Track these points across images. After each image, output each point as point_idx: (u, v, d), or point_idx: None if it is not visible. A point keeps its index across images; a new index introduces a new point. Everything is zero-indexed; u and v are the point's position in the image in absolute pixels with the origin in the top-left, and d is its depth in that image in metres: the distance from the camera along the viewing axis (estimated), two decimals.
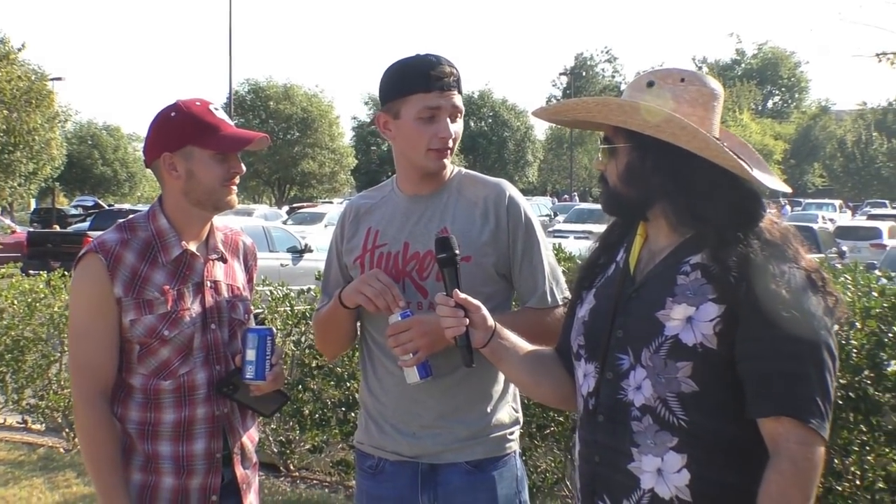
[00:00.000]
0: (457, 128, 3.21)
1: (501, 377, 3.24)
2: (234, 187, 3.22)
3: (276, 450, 8.30)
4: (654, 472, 2.48)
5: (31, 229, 34.32)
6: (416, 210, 3.30)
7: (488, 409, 3.26)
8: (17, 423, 10.27)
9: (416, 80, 3.13)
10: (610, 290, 2.68)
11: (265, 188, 58.15)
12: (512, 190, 3.34)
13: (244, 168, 3.27)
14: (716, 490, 2.45)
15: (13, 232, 32.92)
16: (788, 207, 50.87)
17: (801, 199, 57.84)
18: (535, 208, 28.74)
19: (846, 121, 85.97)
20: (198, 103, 3.20)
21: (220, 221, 3.41)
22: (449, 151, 3.21)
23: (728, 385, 2.42)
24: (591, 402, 2.63)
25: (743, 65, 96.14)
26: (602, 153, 2.67)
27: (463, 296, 2.77)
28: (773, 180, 2.65)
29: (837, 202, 57.63)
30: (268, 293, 8.40)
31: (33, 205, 51.75)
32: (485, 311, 2.79)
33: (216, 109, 3.21)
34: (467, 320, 2.75)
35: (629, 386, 2.52)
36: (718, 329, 2.40)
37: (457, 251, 2.86)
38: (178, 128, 3.14)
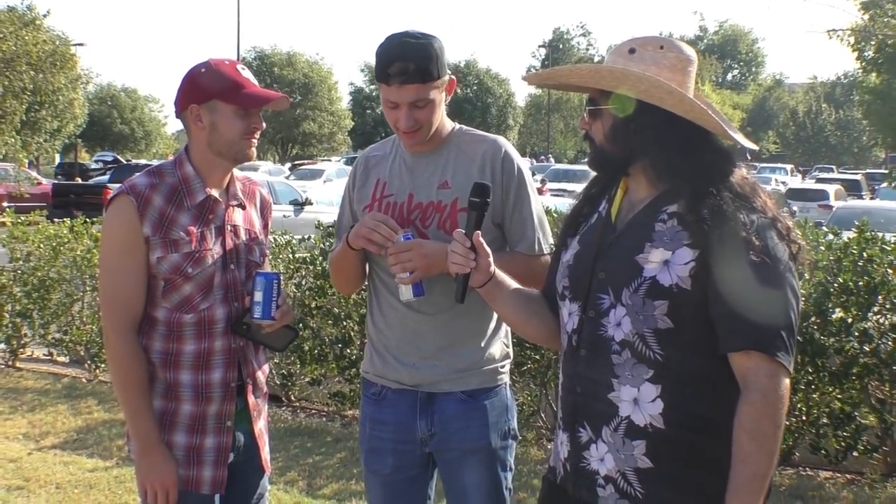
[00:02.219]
0: (421, 115, 3.16)
1: (494, 316, 3.26)
2: (254, 141, 3.22)
3: (278, 382, 8.34)
4: (630, 401, 2.50)
5: (56, 181, 34.15)
6: (419, 164, 3.31)
7: (482, 344, 3.29)
8: (44, 355, 10.29)
9: (380, 73, 3.15)
10: (592, 237, 2.70)
11: (269, 147, 57.97)
12: (507, 146, 3.35)
13: (264, 125, 3.28)
14: (686, 419, 2.47)
15: (39, 184, 32.84)
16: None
17: (757, 164, 57.81)
18: None
19: (798, 93, 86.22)
20: (227, 62, 3.22)
21: (240, 172, 3.41)
22: (414, 134, 3.20)
23: (701, 323, 2.44)
24: (575, 339, 2.65)
25: (705, 40, 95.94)
26: (588, 114, 2.67)
27: (480, 240, 2.77)
28: (744, 139, 2.66)
29: (789, 167, 57.80)
30: (272, 241, 8.41)
31: (58, 159, 51.38)
32: (491, 258, 2.80)
33: (243, 69, 3.21)
34: (474, 263, 2.77)
35: (609, 323, 2.54)
36: (693, 271, 2.42)
37: (489, 199, 2.87)
38: (206, 83, 3.15)
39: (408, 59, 3.09)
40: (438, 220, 3.21)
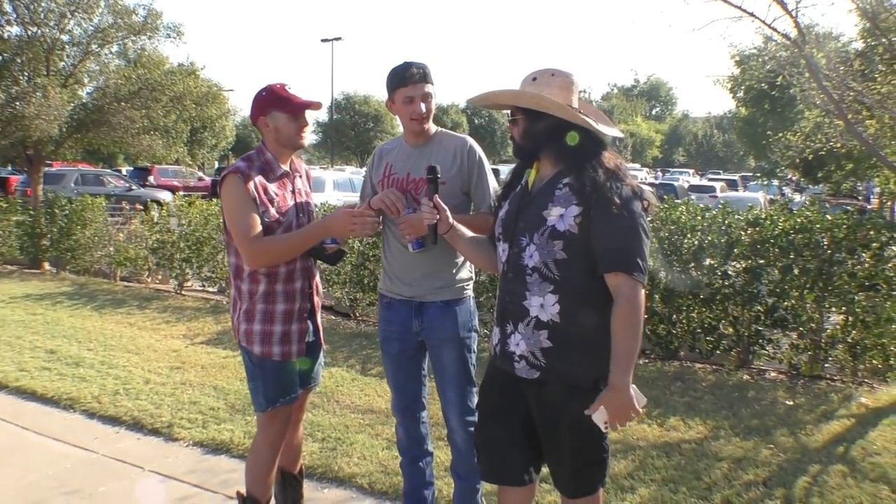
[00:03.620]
0: (428, 106, 3.24)
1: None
2: (304, 135, 3.25)
3: (347, 303, 8.38)
4: (538, 306, 2.57)
5: (214, 178, 34.28)
6: (414, 153, 3.32)
7: (453, 271, 3.30)
8: (199, 286, 10.38)
9: (399, 79, 3.20)
10: (516, 200, 2.75)
11: (353, 156, 58.14)
12: (472, 142, 3.36)
13: (309, 122, 3.31)
14: (574, 317, 2.53)
15: (202, 180, 33.28)
16: (661, 173, 50.49)
17: (670, 169, 57.42)
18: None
19: (698, 123, 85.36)
20: (278, 85, 3.24)
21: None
22: (424, 119, 3.25)
23: (583, 255, 2.49)
24: (505, 266, 2.71)
25: (638, 87, 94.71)
26: (511, 123, 2.74)
27: (437, 200, 2.88)
28: (611, 129, 2.71)
29: (692, 171, 57.24)
30: None
31: (216, 165, 51.56)
32: (448, 212, 2.89)
33: (290, 88, 3.24)
34: (438, 216, 2.86)
35: (525, 255, 2.59)
36: (578, 221, 2.50)
37: (438, 175, 2.95)
38: (266, 100, 3.20)
39: (419, 67, 3.20)
40: (425, 190, 3.19)
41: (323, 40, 45.95)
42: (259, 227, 3.09)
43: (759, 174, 31.72)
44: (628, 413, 2.44)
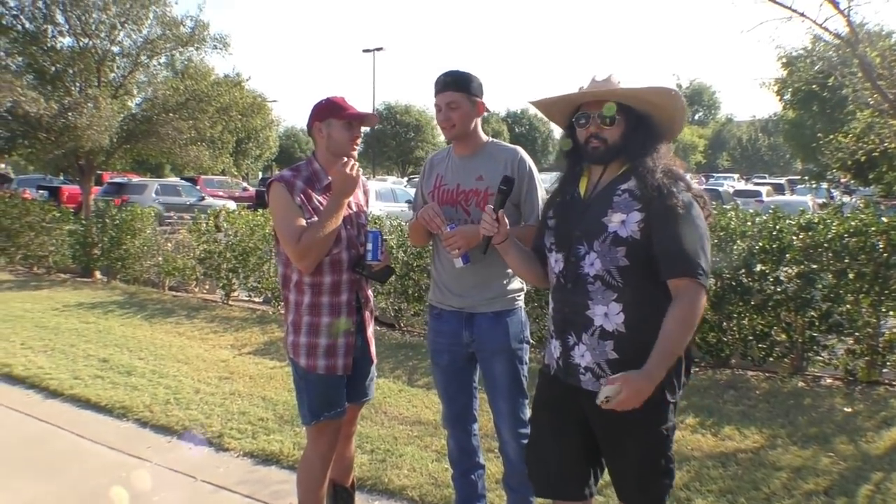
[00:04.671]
0: (454, 115, 3.19)
1: None
2: (356, 146, 3.25)
3: (392, 314, 8.36)
4: (602, 315, 2.49)
5: (259, 188, 34.63)
6: (463, 164, 3.28)
7: (504, 282, 3.24)
8: (245, 296, 10.45)
9: (434, 88, 3.22)
10: (569, 209, 2.67)
11: (394, 166, 58.44)
12: (523, 153, 3.31)
13: (362, 133, 3.30)
14: (639, 325, 2.45)
15: (246, 190, 33.72)
16: (705, 179, 49.83)
17: (714, 174, 56.72)
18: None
19: (742, 127, 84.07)
20: (338, 96, 3.26)
21: None
22: (451, 127, 3.21)
23: (647, 261, 2.43)
24: (562, 277, 2.62)
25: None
26: (604, 124, 2.57)
27: (502, 214, 2.78)
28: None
29: (736, 176, 56.38)
30: (394, 224, 8.47)
31: (260, 175, 52.20)
32: (508, 227, 2.80)
33: (348, 100, 3.26)
34: (497, 229, 2.77)
35: (585, 264, 2.52)
36: (641, 227, 2.43)
37: (511, 190, 2.89)
38: (324, 108, 3.22)
39: (447, 77, 3.19)
40: (476, 202, 3.19)
41: (364, 51, 46.23)
42: (298, 236, 3.06)
43: (806, 177, 31.14)
44: (637, 402, 2.32)
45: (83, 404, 5.76)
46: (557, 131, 71.09)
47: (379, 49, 46.37)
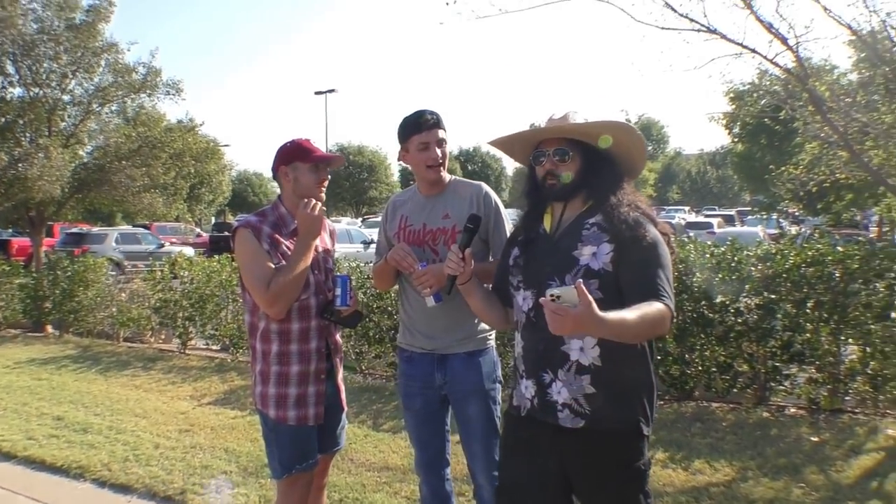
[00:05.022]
0: (443, 150, 3.20)
1: None
2: (323, 188, 3.21)
3: (353, 357, 8.25)
4: (578, 349, 2.46)
5: (212, 234, 34.29)
6: (429, 204, 3.26)
7: (475, 321, 3.19)
8: (203, 345, 10.24)
9: (413, 126, 3.17)
10: (535, 246, 2.65)
11: (348, 206, 58.42)
12: (488, 189, 3.31)
13: (329, 177, 3.25)
14: (615, 357, 2.43)
15: (200, 236, 33.40)
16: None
17: (665, 207, 57.67)
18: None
19: (691, 160, 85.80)
20: (303, 138, 3.23)
21: None
22: (440, 167, 3.21)
23: (619, 292, 2.39)
24: (532, 314, 2.58)
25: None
26: (558, 161, 2.59)
27: (469, 253, 2.77)
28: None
29: (687, 208, 57.33)
30: (351, 265, 8.39)
31: (213, 220, 51.76)
32: (473, 267, 2.77)
33: (313, 142, 3.22)
34: (462, 269, 2.74)
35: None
36: (612, 258, 2.42)
37: (478, 228, 2.88)
38: (290, 151, 3.18)
39: (433, 114, 3.18)
40: (443, 240, 3.17)
41: (317, 93, 45.82)
42: (267, 282, 3.00)
43: (756, 208, 31.80)
44: (570, 329, 2.08)
45: (38, 466, 5.52)
46: (510, 169, 71.96)
47: (331, 91, 46.28)
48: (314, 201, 3.11)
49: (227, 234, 32.47)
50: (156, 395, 7.55)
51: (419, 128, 3.16)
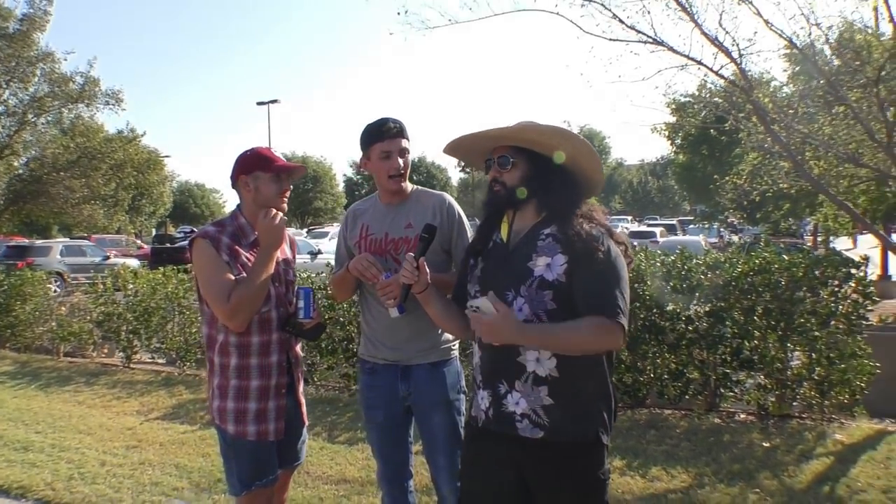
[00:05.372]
0: (405, 160, 3.18)
1: None
2: (286, 199, 3.14)
3: (305, 368, 8.13)
4: (534, 360, 2.45)
5: (153, 245, 33.70)
6: (391, 213, 3.23)
7: (438, 331, 3.17)
8: (148, 358, 10.00)
9: (375, 134, 3.13)
10: (493, 255, 2.64)
11: (292, 217, 57.97)
12: (450, 199, 3.29)
13: (291, 188, 3.19)
14: (571, 368, 2.42)
15: (142, 248, 32.76)
16: None
17: (608, 217, 58.55)
18: None
19: (633, 170, 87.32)
20: (263, 147, 3.17)
21: None
22: (402, 177, 3.18)
23: (574, 304, 2.39)
24: None
25: None
26: (500, 169, 2.59)
27: (423, 262, 2.71)
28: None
29: (629, 217, 58.30)
30: (301, 276, 8.27)
31: (154, 232, 50.85)
32: (429, 276, 2.73)
33: (274, 151, 3.16)
34: (418, 277, 2.70)
35: (514, 309, 2.44)
36: (566, 270, 2.41)
37: (433, 238, 2.82)
38: (250, 160, 3.10)
39: (396, 122, 3.15)
40: (405, 250, 3.13)
41: (259, 103, 45.20)
42: (228, 294, 2.92)
43: (698, 217, 32.46)
44: (490, 337, 2.31)
45: None
46: (455, 179, 71.93)
47: (274, 101, 45.71)
48: (275, 211, 3.05)
49: (168, 246, 31.99)
50: (100, 411, 7.34)
51: (381, 136, 3.12)
